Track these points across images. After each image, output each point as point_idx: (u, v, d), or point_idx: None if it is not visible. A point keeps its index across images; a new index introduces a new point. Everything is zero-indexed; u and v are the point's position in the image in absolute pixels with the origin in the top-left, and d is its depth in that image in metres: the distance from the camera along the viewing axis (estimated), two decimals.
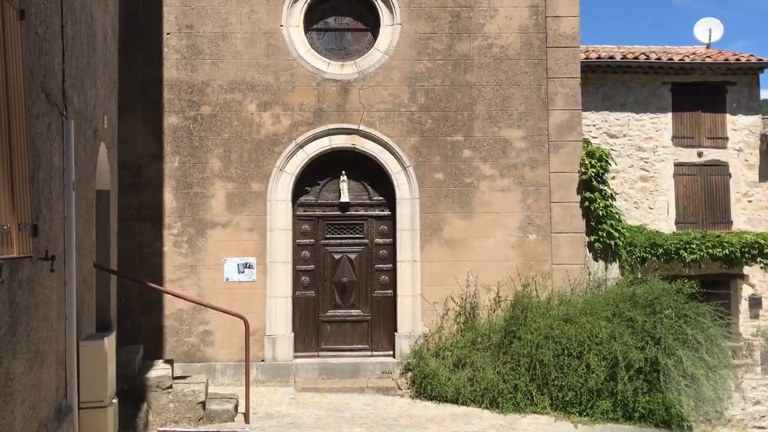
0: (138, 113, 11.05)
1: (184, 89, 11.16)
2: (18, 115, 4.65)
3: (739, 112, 15.19)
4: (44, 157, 5.50)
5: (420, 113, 11.36)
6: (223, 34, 11.24)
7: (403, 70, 11.39)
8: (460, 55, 11.43)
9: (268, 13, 11.31)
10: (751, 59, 14.97)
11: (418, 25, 11.44)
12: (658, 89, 15.14)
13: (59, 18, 6.06)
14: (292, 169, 11.22)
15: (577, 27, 11.54)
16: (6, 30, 4.40)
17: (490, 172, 11.33)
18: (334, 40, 11.83)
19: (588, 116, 14.74)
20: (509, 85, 11.43)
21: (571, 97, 11.46)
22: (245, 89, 11.22)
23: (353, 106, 11.31)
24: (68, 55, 6.37)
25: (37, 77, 5.30)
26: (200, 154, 11.11)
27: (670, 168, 15.12)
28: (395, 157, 11.31)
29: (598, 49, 15.55)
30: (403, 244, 11.26)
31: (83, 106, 7.12)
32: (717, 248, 13.53)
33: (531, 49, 11.47)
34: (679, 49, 15.99)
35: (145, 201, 10.99)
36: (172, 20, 11.19)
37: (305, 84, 11.30)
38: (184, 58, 11.19)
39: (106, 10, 8.66)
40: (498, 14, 11.48)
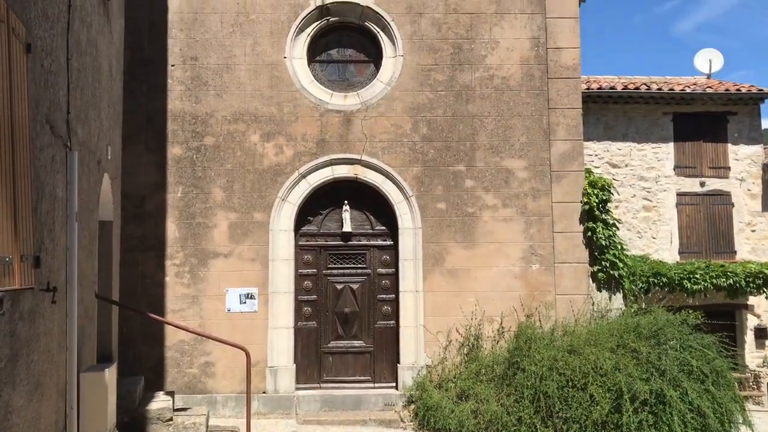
0: (142, 144, 11.12)
1: (188, 120, 11.24)
2: (22, 147, 4.67)
3: (741, 142, 15.23)
4: (48, 189, 5.52)
5: (422, 143, 11.40)
6: (227, 66, 11.35)
7: (405, 100, 11.47)
8: (461, 86, 11.52)
9: (272, 46, 11.43)
10: (751, 89, 15.06)
11: (420, 57, 11.55)
12: (659, 119, 15.20)
13: (65, 51, 6.13)
14: (294, 199, 11.24)
15: (578, 58, 11.64)
16: (12, 63, 4.44)
17: (492, 202, 11.34)
18: (337, 72, 11.93)
19: (590, 146, 14.79)
20: (511, 115, 11.49)
21: (572, 127, 11.51)
22: (249, 120, 11.30)
23: (356, 136, 11.36)
24: (73, 87, 6.43)
25: (42, 109, 5.34)
26: (203, 184, 11.14)
27: (673, 197, 15.12)
28: (397, 187, 11.33)
29: (599, 80, 15.66)
30: (406, 274, 11.23)
31: (87, 137, 7.17)
32: (721, 278, 13.47)
33: (532, 80, 11.56)
34: (679, 80, 16.09)
35: (147, 231, 11.00)
36: (176, 52, 11.31)
37: (308, 115, 11.37)
38: (188, 89, 11.28)
39: (112, 42, 8.76)
40: (499, 46, 11.59)
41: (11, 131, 4.44)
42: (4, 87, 4.30)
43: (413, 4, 11.59)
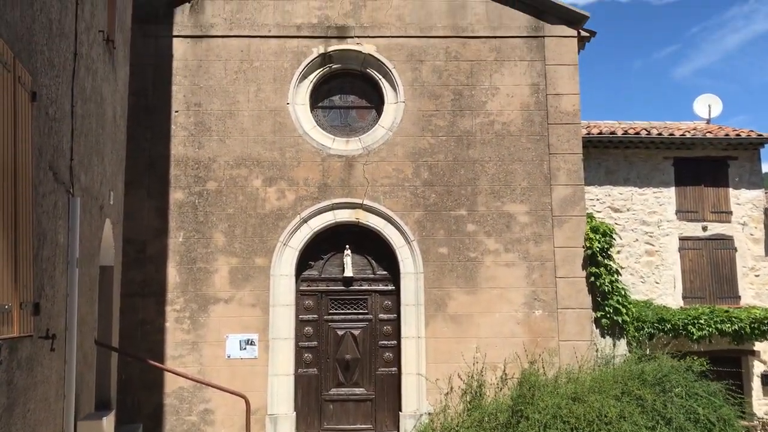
0: (144, 189, 11.16)
1: (191, 165, 11.30)
2: (25, 194, 4.69)
3: (742, 187, 15.25)
4: (49, 235, 5.52)
5: (424, 188, 11.44)
6: (230, 112, 11.46)
7: (406, 145, 11.54)
8: (462, 131, 11.60)
9: (275, 92, 11.56)
10: (751, 134, 15.14)
11: (421, 103, 11.66)
12: (660, 164, 15.26)
13: (70, 98, 6.19)
14: (296, 243, 11.23)
15: (578, 104, 11.74)
16: (17, 112, 4.48)
17: (494, 247, 11.32)
18: (339, 117, 12.05)
19: (591, 190, 14.81)
20: (512, 160, 11.55)
21: (573, 172, 11.55)
22: (251, 165, 11.36)
23: (357, 180, 11.40)
24: (77, 133, 6.48)
25: (45, 156, 5.37)
26: (205, 229, 11.15)
27: (675, 242, 15.08)
28: (399, 231, 11.32)
29: (600, 125, 15.77)
30: (408, 320, 11.14)
31: (90, 183, 7.20)
32: (726, 324, 13.34)
33: (533, 125, 11.64)
34: (679, 125, 16.19)
35: (148, 276, 10.97)
36: (180, 98, 11.43)
37: (310, 159, 11.43)
38: (191, 134, 11.37)
39: (116, 89, 8.86)
40: (499, 92, 11.71)
41: (14, 178, 4.45)
42: (9, 135, 4.33)
43: (414, 51, 11.76)
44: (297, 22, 11.72)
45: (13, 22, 4.49)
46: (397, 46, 11.75)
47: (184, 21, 11.61)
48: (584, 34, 11.97)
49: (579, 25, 11.90)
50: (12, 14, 4.47)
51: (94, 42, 7.25)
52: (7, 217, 4.29)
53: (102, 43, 7.68)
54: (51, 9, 5.45)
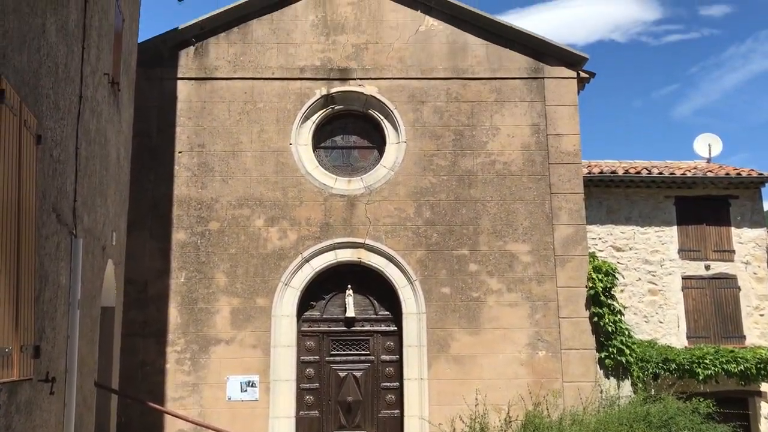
0: (147, 229, 11.18)
1: (194, 205, 11.34)
2: (28, 236, 4.70)
3: (744, 225, 15.24)
4: (51, 277, 5.51)
5: (425, 227, 11.45)
6: (233, 153, 11.54)
7: (408, 185, 11.59)
8: (464, 171, 11.66)
9: (278, 132, 11.65)
10: (751, 173, 15.18)
11: (423, 143, 11.74)
12: (661, 203, 15.27)
13: (74, 140, 6.25)
14: (297, 283, 11.20)
15: (578, 144, 11.82)
16: (22, 155, 4.52)
17: (497, 287, 11.27)
18: (341, 157, 12.12)
19: (593, 229, 14.80)
20: (513, 200, 11.57)
21: (575, 212, 11.57)
22: (253, 205, 11.39)
23: (359, 220, 11.42)
24: (81, 175, 6.52)
25: (49, 198, 5.39)
26: (207, 269, 11.13)
27: (678, 281, 15.01)
28: (401, 271, 11.30)
29: (600, 164, 15.83)
30: (410, 362, 11.04)
31: (93, 224, 7.21)
32: (731, 364, 13.19)
33: (534, 165, 11.70)
34: (680, 164, 16.26)
35: (149, 317, 10.92)
36: (184, 139, 11.53)
37: (312, 199, 11.47)
38: (194, 175, 11.44)
39: (120, 130, 8.94)
40: (500, 132, 11.80)
41: (18, 221, 4.47)
42: (13, 178, 4.36)
43: (415, 93, 11.88)
44: (300, 64, 11.88)
45: (21, 67, 4.56)
46: (398, 88, 11.89)
47: (188, 63, 11.77)
48: (584, 75, 12.10)
49: (578, 66, 12.04)
50: (20, 59, 4.54)
51: (100, 84, 7.35)
52: (9, 260, 4.29)
53: (107, 86, 7.78)
54: (58, 53, 5.53)
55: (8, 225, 4.26)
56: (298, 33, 11.98)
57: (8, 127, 4.24)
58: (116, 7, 8.17)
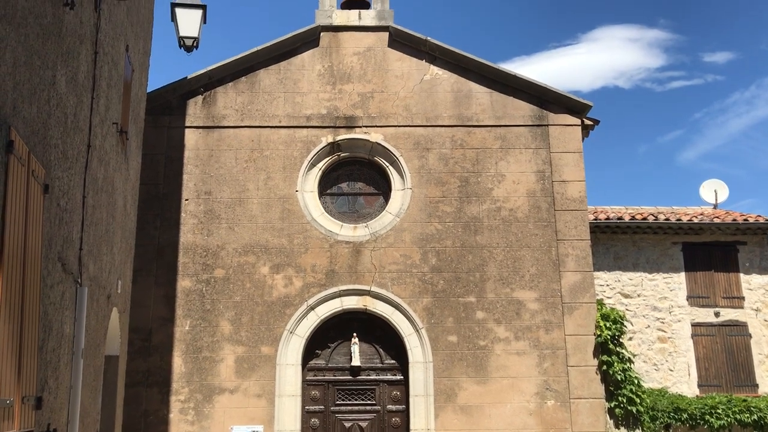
0: (152, 276, 11.16)
1: (199, 253, 11.34)
2: (33, 286, 4.68)
3: (753, 272, 15.12)
4: (55, 326, 5.48)
5: (432, 274, 11.39)
6: (240, 200, 11.59)
7: (414, 231, 11.58)
8: (469, 217, 11.65)
9: (284, 180, 11.71)
10: (759, 219, 15.12)
11: (428, 190, 11.77)
12: (669, 249, 15.20)
13: (81, 189, 6.28)
14: (302, 331, 11.11)
15: (584, 191, 11.83)
16: (29, 204, 4.54)
17: (504, 335, 11.15)
18: (347, 204, 12.15)
19: (600, 276, 14.71)
20: (520, 246, 11.54)
21: (582, 258, 11.52)
22: (259, 252, 11.38)
23: (365, 267, 11.39)
24: (87, 223, 6.54)
25: (54, 247, 5.39)
26: (211, 317, 11.07)
27: (688, 328, 14.83)
28: (407, 319, 11.20)
29: (607, 210, 15.82)
30: (417, 412, 10.86)
31: (98, 272, 7.21)
32: (744, 414, 12.94)
33: (540, 211, 11.70)
34: (686, 210, 16.23)
35: (153, 366, 10.82)
36: (191, 187, 11.60)
37: (318, 246, 11.46)
38: (200, 222, 11.47)
39: (128, 178, 9.00)
40: (505, 179, 11.83)
41: (23, 271, 4.46)
42: (20, 228, 4.37)
43: (420, 140, 11.97)
44: (307, 112, 12.01)
45: (30, 118, 4.62)
46: (404, 135, 11.98)
47: (196, 112, 11.91)
48: (588, 123, 12.18)
49: (582, 113, 12.13)
50: (29, 110, 4.60)
51: (108, 134, 7.43)
52: (14, 310, 4.28)
53: (115, 135, 7.86)
54: (67, 104, 5.60)
55: (13, 274, 4.25)
56: (305, 82, 12.15)
57: (16, 177, 4.27)
58: (126, 58, 8.31)
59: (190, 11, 7.04)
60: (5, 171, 4.09)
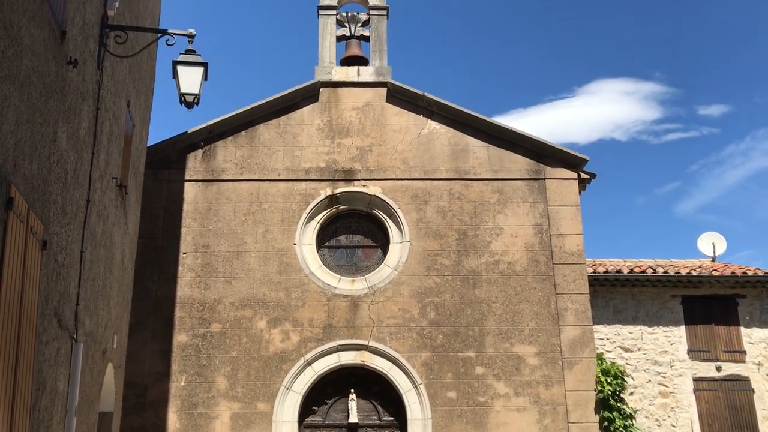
0: (149, 331, 11.06)
1: (196, 307, 11.27)
2: (28, 343, 4.64)
3: (754, 325, 15.03)
4: (49, 383, 5.41)
5: (430, 328, 11.30)
6: (237, 253, 11.57)
7: (412, 285, 11.54)
8: (468, 270, 11.63)
9: (283, 233, 11.72)
10: (758, 272, 15.09)
11: (427, 243, 11.77)
12: (668, 302, 15.13)
13: (80, 244, 6.28)
14: (299, 387, 10.96)
15: (582, 244, 11.84)
16: (27, 261, 4.53)
17: (504, 391, 11.01)
18: (345, 257, 12.13)
19: (600, 329, 14.61)
20: (518, 300, 11.48)
21: (581, 312, 11.45)
22: (256, 306, 11.31)
23: (363, 321, 11.30)
24: (84, 278, 6.52)
25: (51, 303, 5.36)
26: (207, 372, 10.93)
27: (690, 383, 14.66)
28: (406, 374, 11.07)
29: (605, 263, 15.80)
30: None
31: (94, 327, 7.15)
32: None
33: (538, 265, 11.68)
34: (685, 263, 16.21)
35: (148, 422, 10.63)
36: (189, 240, 11.59)
37: (316, 300, 11.40)
38: (198, 276, 11.43)
39: (126, 232, 9.01)
40: (503, 232, 11.85)
41: (19, 327, 4.43)
42: (17, 284, 4.35)
43: (419, 193, 12.03)
44: (306, 166, 12.10)
45: (30, 175, 4.65)
46: (402, 188, 12.04)
47: (196, 166, 12.00)
48: (584, 176, 12.27)
49: (579, 167, 12.23)
50: (30, 167, 4.63)
51: (107, 188, 7.46)
52: (8, 367, 4.23)
53: (115, 189, 7.90)
54: (68, 160, 5.65)
55: (9, 332, 4.22)
56: (304, 136, 12.27)
57: (15, 233, 4.27)
58: (127, 113, 8.41)
59: (192, 68, 7.16)
60: (4, 228, 4.10)
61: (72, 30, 5.58)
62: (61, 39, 5.25)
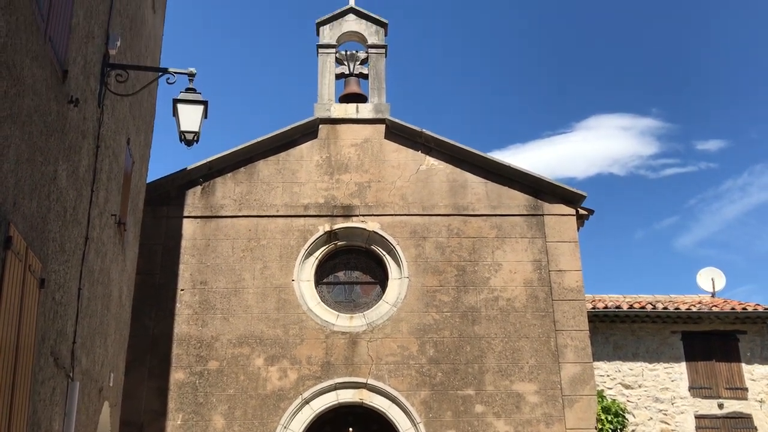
0: (146, 368, 10.96)
1: (193, 344, 11.18)
2: (23, 383, 4.59)
3: (755, 362, 14.92)
4: (44, 424, 5.34)
5: (429, 366, 11.21)
6: (235, 290, 11.52)
7: (411, 322, 11.47)
8: (467, 307, 11.57)
9: (281, 269, 11.69)
10: (758, 308, 15.02)
11: (425, 279, 11.74)
12: (668, 338, 15.04)
13: (77, 281, 6.26)
14: (297, 426, 10.82)
15: (581, 280, 11.80)
16: (24, 300, 4.51)
17: (504, 429, 10.87)
18: (343, 293, 12.08)
19: (600, 366, 14.50)
20: (518, 337, 11.41)
21: (581, 349, 11.37)
22: (254, 343, 11.23)
23: (361, 358, 11.21)
24: (82, 316, 6.48)
25: (48, 342, 5.33)
26: (204, 411, 10.80)
27: (692, 420, 14.50)
28: (405, 413, 10.94)
29: (605, 299, 15.74)
30: None
31: (91, 365, 7.08)
32: None
33: (537, 301, 11.63)
34: (684, 298, 16.16)
35: None
36: (187, 277, 11.55)
37: (314, 337, 11.32)
38: (195, 313, 11.36)
39: (124, 269, 8.98)
40: (502, 268, 11.82)
41: (14, 367, 4.39)
42: (13, 323, 4.33)
43: (417, 229, 12.03)
44: (304, 202, 12.12)
45: (30, 214, 4.65)
46: (400, 224, 12.05)
47: (195, 202, 12.01)
48: (582, 213, 12.28)
49: (577, 203, 12.25)
50: (29, 206, 4.64)
51: (106, 225, 7.46)
52: (3, 408, 4.18)
53: (113, 226, 7.90)
54: (67, 198, 5.66)
55: (5, 372, 4.18)
56: (303, 172, 12.32)
57: (12, 272, 4.26)
58: (127, 151, 8.45)
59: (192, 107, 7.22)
60: (2, 267, 4.09)
61: (74, 69, 5.64)
62: (63, 78, 5.31)
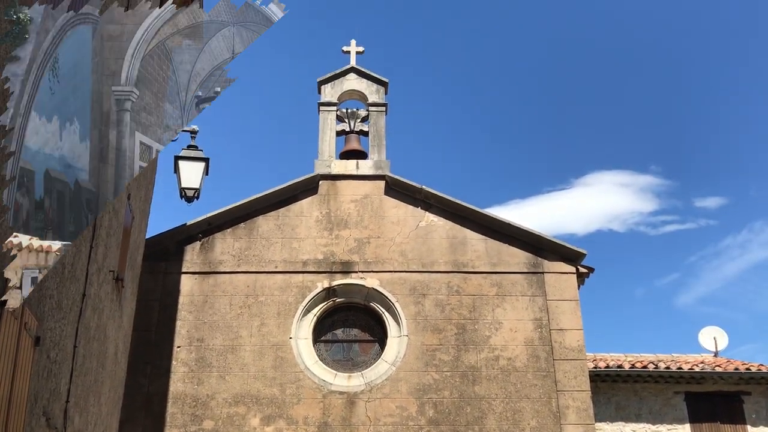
0: (139, 427, 10.72)
1: (189, 403, 10.96)
2: None
3: (760, 424, 14.64)
4: None
5: (429, 427, 10.97)
6: (232, 347, 11.37)
7: (410, 381, 11.28)
8: (467, 366, 11.40)
9: (278, 326, 11.56)
10: (761, 368, 14.84)
11: (425, 337, 11.60)
12: (671, 399, 14.81)
13: (73, 338, 6.17)
14: None
15: (582, 340, 11.66)
16: (18, 358, 4.43)
17: None
18: (341, 351, 11.92)
19: (603, 427, 14.22)
20: (519, 397, 11.21)
21: (583, 410, 11.16)
22: (250, 403, 11.02)
23: (359, 419, 10.98)
24: (76, 374, 6.36)
25: (40, 401, 5.21)
26: None
27: None
28: None
29: (606, 358, 15.55)
30: None
31: (83, 425, 6.92)
32: None
33: (538, 361, 11.47)
34: (687, 358, 15.96)
35: None
36: (183, 334, 11.41)
37: (311, 396, 11.11)
38: (191, 371, 11.18)
39: (121, 326, 8.87)
40: (503, 327, 11.70)
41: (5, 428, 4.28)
42: (6, 382, 4.24)
43: (417, 285, 11.95)
44: (303, 258, 12.07)
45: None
46: (400, 280, 11.98)
47: (193, 258, 11.96)
48: (583, 271, 12.23)
49: (577, 261, 12.21)
50: None
51: (104, 281, 7.40)
52: None
53: (111, 282, 7.84)
54: (66, 254, 5.62)
55: None
56: (302, 228, 12.31)
57: (8, 331, 4.19)
58: (127, 206, 8.45)
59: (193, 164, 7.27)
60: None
61: None
62: None
